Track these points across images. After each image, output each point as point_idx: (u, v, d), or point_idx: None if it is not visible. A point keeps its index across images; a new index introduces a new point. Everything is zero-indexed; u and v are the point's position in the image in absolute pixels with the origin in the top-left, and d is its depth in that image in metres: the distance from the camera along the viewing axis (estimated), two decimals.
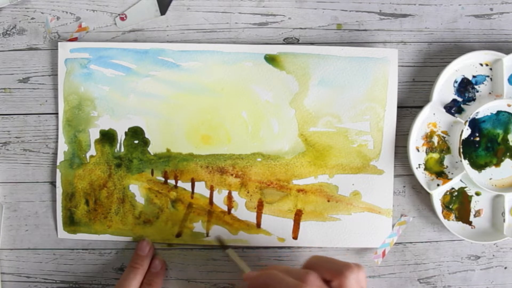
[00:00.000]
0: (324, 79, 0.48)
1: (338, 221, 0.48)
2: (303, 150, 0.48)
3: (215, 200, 0.48)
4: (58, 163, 0.48)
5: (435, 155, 0.48)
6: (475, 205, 0.48)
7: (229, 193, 0.48)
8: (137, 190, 0.48)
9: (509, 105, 0.47)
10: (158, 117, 0.48)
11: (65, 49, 0.47)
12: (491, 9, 0.49)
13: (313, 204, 0.48)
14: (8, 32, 0.48)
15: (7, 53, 0.48)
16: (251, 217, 0.48)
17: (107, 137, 0.48)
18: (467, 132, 0.48)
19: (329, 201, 0.48)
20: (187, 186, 0.48)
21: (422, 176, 0.48)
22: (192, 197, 0.48)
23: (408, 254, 0.49)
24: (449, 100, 0.48)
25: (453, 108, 0.48)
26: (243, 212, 0.48)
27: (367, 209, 0.48)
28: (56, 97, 0.48)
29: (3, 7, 0.48)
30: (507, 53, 0.46)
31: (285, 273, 0.39)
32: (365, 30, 0.48)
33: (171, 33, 0.48)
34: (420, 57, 0.49)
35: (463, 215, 0.48)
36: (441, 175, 0.48)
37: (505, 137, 0.48)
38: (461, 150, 0.47)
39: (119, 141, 0.48)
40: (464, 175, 0.47)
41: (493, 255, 0.49)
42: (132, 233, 0.48)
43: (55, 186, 0.48)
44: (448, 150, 0.48)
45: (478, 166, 0.48)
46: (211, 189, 0.48)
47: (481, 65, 0.48)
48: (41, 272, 0.49)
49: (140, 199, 0.48)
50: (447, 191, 0.48)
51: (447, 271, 0.49)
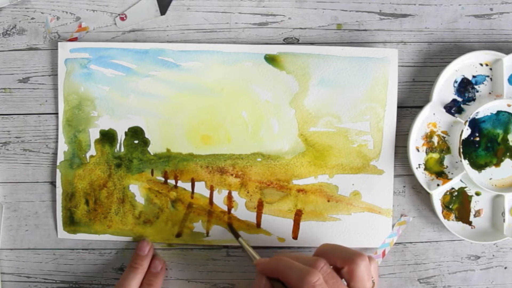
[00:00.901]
0: (324, 79, 0.48)
1: (338, 221, 0.48)
2: (303, 150, 0.48)
3: (215, 200, 0.48)
4: (58, 163, 0.48)
5: (435, 155, 0.48)
6: (475, 205, 0.48)
7: (229, 193, 0.48)
8: (137, 190, 0.48)
9: (509, 105, 0.47)
10: (158, 117, 0.48)
11: (65, 49, 0.47)
12: (491, 9, 0.49)
13: (313, 204, 0.48)
14: (8, 32, 0.48)
15: (7, 53, 0.48)
16: (251, 217, 0.48)
17: (107, 137, 0.48)
18: (467, 132, 0.48)
19: (329, 201, 0.48)
20: (187, 186, 0.48)
21: (422, 176, 0.48)
22: (192, 197, 0.48)
23: (408, 254, 0.49)
24: (449, 100, 0.48)
25: (453, 108, 0.48)
26: (243, 212, 0.48)
27: (367, 209, 0.48)
28: (56, 97, 0.48)
29: (3, 7, 0.48)
30: (507, 53, 0.46)
31: (295, 259, 0.39)
32: (365, 30, 0.48)
33: (171, 33, 0.48)
34: (420, 57, 0.49)
35: (463, 215, 0.48)
36: (441, 175, 0.48)
37: (505, 137, 0.48)
38: (461, 150, 0.47)
39: (119, 141, 0.48)
40: (464, 175, 0.47)
41: (493, 255, 0.49)
42: (132, 233, 0.48)
43: (55, 186, 0.48)
44: (448, 150, 0.48)
45: (478, 166, 0.48)
46: (211, 189, 0.48)
47: (481, 65, 0.48)
48: (41, 272, 0.49)
49: (140, 199, 0.48)
50: (447, 191, 0.48)
51: (447, 271, 0.49)
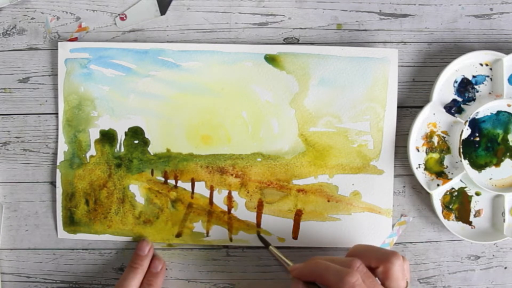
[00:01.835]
0: (324, 79, 0.48)
1: (338, 221, 0.48)
2: (303, 150, 0.48)
3: (215, 200, 0.48)
4: (58, 163, 0.48)
5: (435, 155, 0.48)
6: (475, 205, 0.48)
7: (229, 193, 0.48)
8: (137, 190, 0.48)
9: (509, 105, 0.47)
10: (158, 117, 0.48)
11: (65, 49, 0.47)
12: (491, 9, 0.49)
13: (313, 204, 0.48)
14: (8, 32, 0.48)
15: (7, 53, 0.48)
16: (251, 217, 0.48)
17: (107, 137, 0.48)
18: (467, 132, 0.48)
19: (329, 201, 0.48)
20: (187, 186, 0.48)
21: (422, 176, 0.48)
22: (192, 197, 0.48)
23: (408, 254, 0.49)
24: (449, 100, 0.48)
25: (453, 108, 0.48)
26: (243, 212, 0.48)
27: (367, 209, 0.48)
28: (56, 97, 0.48)
29: (3, 7, 0.48)
30: (507, 53, 0.46)
31: (330, 261, 0.39)
32: (365, 30, 0.48)
33: (171, 33, 0.48)
34: (420, 57, 0.49)
35: (463, 215, 0.48)
36: (441, 175, 0.48)
37: (505, 137, 0.48)
38: (461, 150, 0.47)
39: (119, 141, 0.48)
40: (464, 175, 0.47)
41: (493, 255, 0.49)
42: (132, 233, 0.48)
43: (55, 186, 0.48)
44: (448, 150, 0.48)
45: (478, 166, 0.48)
46: (211, 189, 0.48)
47: (481, 65, 0.48)
48: (41, 272, 0.49)
49: (140, 199, 0.48)
50: (447, 191, 0.48)
51: (447, 271, 0.49)
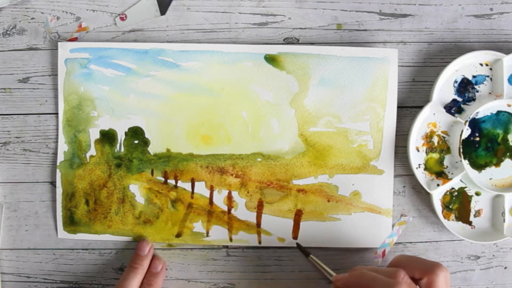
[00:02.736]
0: (324, 79, 0.48)
1: (338, 221, 0.48)
2: (303, 150, 0.48)
3: (215, 200, 0.48)
4: (58, 163, 0.48)
5: (435, 155, 0.48)
6: (475, 205, 0.48)
7: (229, 193, 0.48)
8: (137, 190, 0.48)
9: (509, 105, 0.47)
10: (158, 117, 0.48)
11: (65, 49, 0.47)
12: (491, 9, 0.49)
13: (313, 204, 0.48)
14: (8, 32, 0.48)
15: (7, 53, 0.48)
16: (251, 217, 0.48)
17: (107, 137, 0.48)
18: (467, 132, 0.48)
19: (329, 201, 0.48)
20: (187, 186, 0.48)
21: (422, 176, 0.48)
22: (192, 197, 0.48)
23: (408, 254, 0.49)
24: (449, 100, 0.48)
25: (453, 108, 0.48)
26: (243, 212, 0.48)
27: (367, 209, 0.48)
28: (56, 97, 0.48)
29: (3, 7, 0.48)
30: (507, 53, 0.46)
31: (374, 271, 0.40)
32: (365, 30, 0.48)
33: (171, 33, 0.48)
34: (420, 57, 0.49)
35: (463, 215, 0.48)
36: (441, 175, 0.48)
37: (505, 137, 0.48)
38: (461, 150, 0.47)
39: (119, 141, 0.48)
40: (464, 175, 0.47)
41: (493, 255, 0.49)
42: (132, 233, 0.48)
43: (55, 186, 0.48)
44: (448, 150, 0.48)
45: (478, 166, 0.48)
46: (211, 189, 0.48)
47: (481, 65, 0.48)
48: (41, 272, 0.49)
49: (140, 199, 0.48)
50: (447, 191, 0.48)
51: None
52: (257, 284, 0.49)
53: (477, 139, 0.48)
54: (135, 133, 0.48)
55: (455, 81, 0.48)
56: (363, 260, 0.49)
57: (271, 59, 0.48)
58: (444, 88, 0.48)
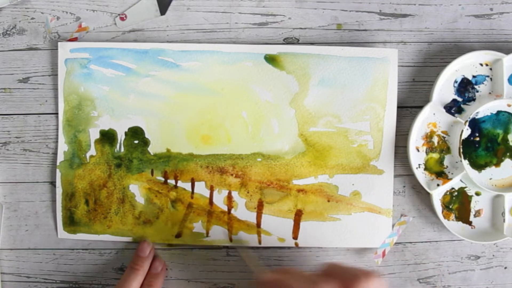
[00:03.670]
0: (324, 79, 0.48)
1: (338, 221, 0.48)
2: (303, 150, 0.48)
3: (215, 200, 0.48)
4: (58, 163, 0.48)
5: (435, 155, 0.48)
6: (475, 205, 0.48)
7: (229, 193, 0.48)
8: (137, 190, 0.48)
9: (509, 105, 0.47)
10: (158, 117, 0.48)
11: (65, 49, 0.47)
12: (491, 9, 0.49)
13: (313, 204, 0.48)
14: (8, 32, 0.48)
15: (7, 53, 0.48)
16: (251, 217, 0.48)
17: (107, 137, 0.48)
18: (467, 132, 0.48)
19: (329, 201, 0.48)
20: (187, 186, 0.48)
21: (422, 176, 0.48)
22: (192, 197, 0.48)
23: (408, 254, 0.49)
24: (449, 100, 0.48)
25: (453, 108, 0.48)
26: (243, 212, 0.48)
27: (367, 209, 0.48)
28: (56, 97, 0.48)
29: (3, 7, 0.48)
30: (507, 53, 0.46)
31: (299, 278, 0.38)
32: (365, 30, 0.48)
33: (171, 33, 0.48)
34: (420, 57, 0.49)
35: (463, 215, 0.48)
36: (441, 175, 0.48)
37: (505, 137, 0.48)
38: (461, 150, 0.47)
39: (119, 141, 0.48)
40: (464, 175, 0.47)
41: (493, 255, 0.49)
42: (132, 233, 0.48)
43: (55, 186, 0.48)
44: (448, 150, 0.48)
45: (478, 166, 0.48)
46: (211, 189, 0.48)
47: (481, 65, 0.48)
48: (41, 272, 0.49)
49: (140, 199, 0.48)
50: (447, 191, 0.48)
51: (447, 271, 0.49)
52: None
53: (477, 139, 0.48)
54: (135, 133, 0.48)
55: (455, 81, 0.48)
56: (363, 260, 0.49)
57: (271, 59, 0.48)
58: (444, 88, 0.48)
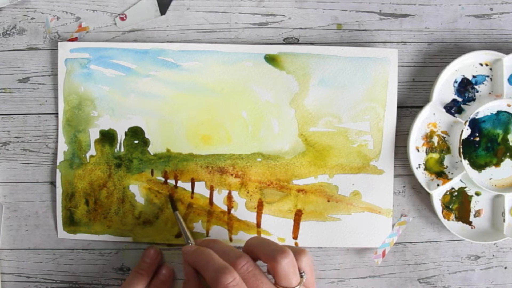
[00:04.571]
0: (324, 79, 0.48)
1: (338, 221, 0.48)
2: (303, 150, 0.48)
3: (215, 200, 0.48)
4: (58, 163, 0.48)
5: (435, 155, 0.48)
6: (475, 205, 0.48)
7: (229, 193, 0.48)
8: (137, 190, 0.48)
9: (509, 105, 0.47)
10: (158, 117, 0.48)
11: (65, 49, 0.47)
12: (491, 9, 0.49)
13: (313, 204, 0.48)
14: (8, 32, 0.48)
15: (7, 53, 0.48)
16: (251, 217, 0.48)
17: (107, 137, 0.48)
18: (467, 132, 0.48)
19: (329, 201, 0.48)
20: (187, 186, 0.48)
21: (422, 176, 0.48)
22: (192, 197, 0.48)
23: (408, 254, 0.49)
24: (449, 100, 0.48)
25: (453, 108, 0.48)
26: (243, 212, 0.48)
27: (367, 209, 0.48)
28: (56, 97, 0.48)
29: (3, 7, 0.48)
30: (507, 53, 0.46)
31: (221, 252, 0.38)
32: (365, 30, 0.48)
33: (171, 33, 0.48)
34: (420, 57, 0.49)
35: (463, 215, 0.48)
36: (441, 175, 0.48)
37: (505, 137, 0.48)
38: (461, 150, 0.47)
39: (119, 141, 0.48)
40: (464, 175, 0.47)
41: (493, 255, 0.49)
42: (132, 233, 0.48)
43: (55, 186, 0.48)
44: (448, 150, 0.48)
45: (478, 166, 0.48)
46: (211, 189, 0.48)
47: (481, 65, 0.48)
48: (41, 272, 0.49)
49: (140, 199, 0.48)
50: (447, 191, 0.48)
51: (447, 271, 0.49)
52: None
53: (477, 139, 0.48)
54: (135, 133, 0.48)
55: (455, 81, 0.48)
56: (363, 260, 0.49)
57: (271, 59, 0.48)
58: (444, 88, 0.48)
